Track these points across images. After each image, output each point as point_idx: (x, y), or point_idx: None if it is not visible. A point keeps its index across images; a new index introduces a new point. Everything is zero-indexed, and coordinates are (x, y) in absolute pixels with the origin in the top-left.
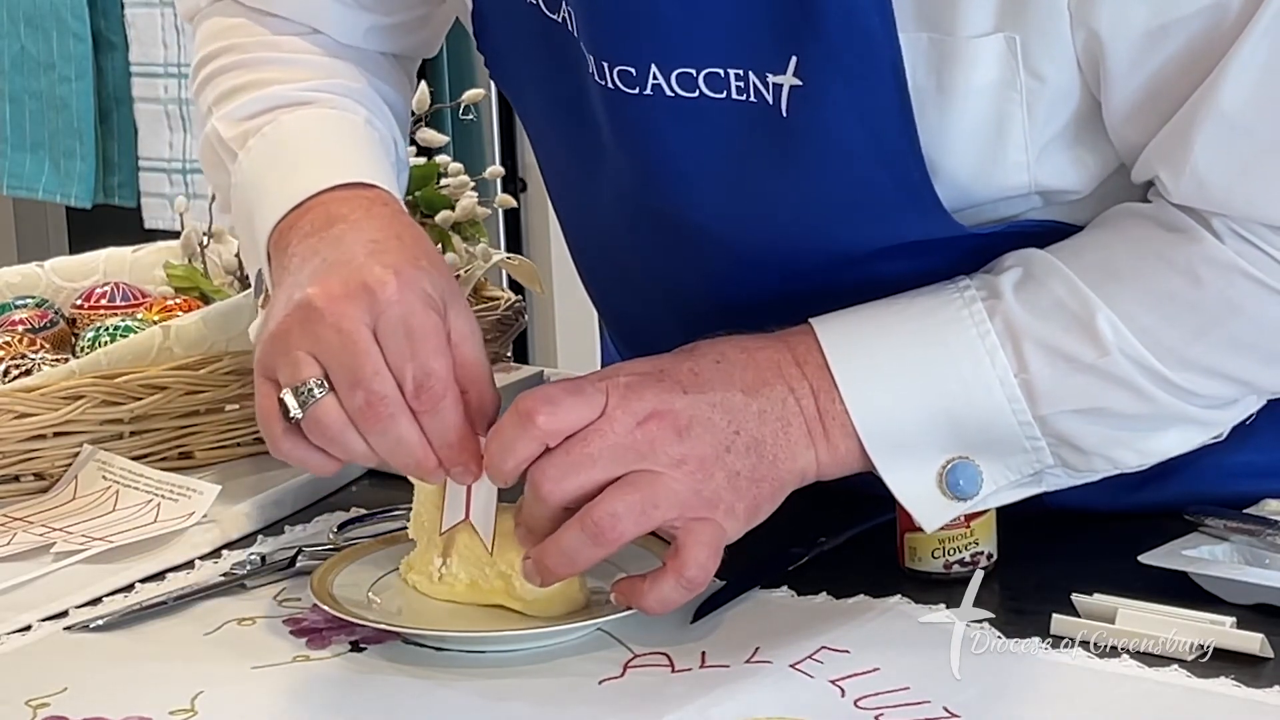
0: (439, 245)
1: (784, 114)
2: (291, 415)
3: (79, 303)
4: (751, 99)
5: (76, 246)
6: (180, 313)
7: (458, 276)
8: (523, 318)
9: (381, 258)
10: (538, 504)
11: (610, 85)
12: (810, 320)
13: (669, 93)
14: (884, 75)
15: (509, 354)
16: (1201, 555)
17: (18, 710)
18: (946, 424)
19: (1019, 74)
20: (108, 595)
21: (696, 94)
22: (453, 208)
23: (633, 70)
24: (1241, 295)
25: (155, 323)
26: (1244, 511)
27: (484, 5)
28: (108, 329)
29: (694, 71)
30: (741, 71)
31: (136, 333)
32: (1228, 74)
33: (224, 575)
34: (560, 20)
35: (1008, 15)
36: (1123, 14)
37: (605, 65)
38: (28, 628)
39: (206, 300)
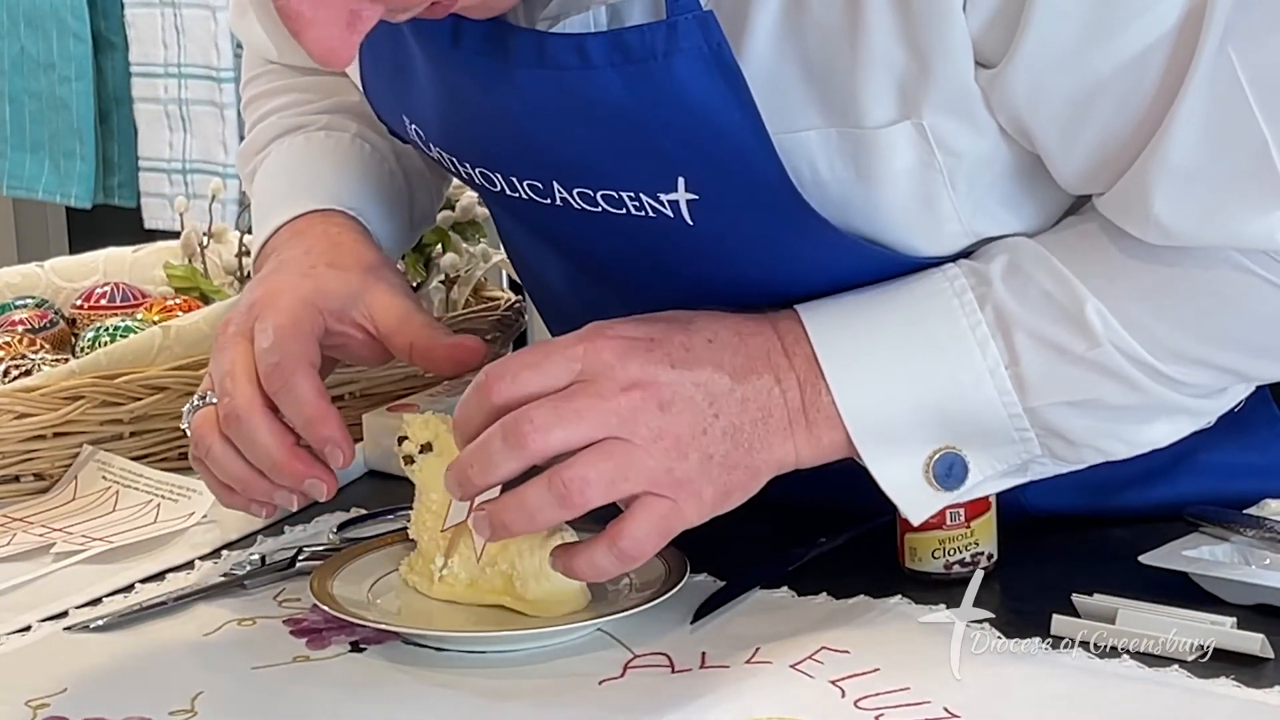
0: (438, 245)
1: (689, 222)
2: (183, 426)
3: (79, 303)
4: (650, 215)
5: (76, 246)
6: (180, 313)
7: (457, 276)
8: (523, 318)
9: (269, 280)
10: (508, 451)
11: (523, 196)
12: (798, 308)
13: (575, 206)
14: (771, 176)
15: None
16: (1201, 555)
17: (18, 710)
18: (935, 415)
19: (935, 154)
20: (108, 595)
21: (600, 209)
22: (452, 208)
23: (540, 184)
24: (1230, 287)
25: (155, 323)
26: (1244, 512)
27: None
28: (108, 329)
29: (591, 191)
30: (633, 193)
31: (136, 333)
32: (1171, 131)
33: (224, 575)
34: (437, 157)
35: (910, 103)
36: (1039, 90)
37: (515, 179)
38: (28, 628)
39: (206, 300)
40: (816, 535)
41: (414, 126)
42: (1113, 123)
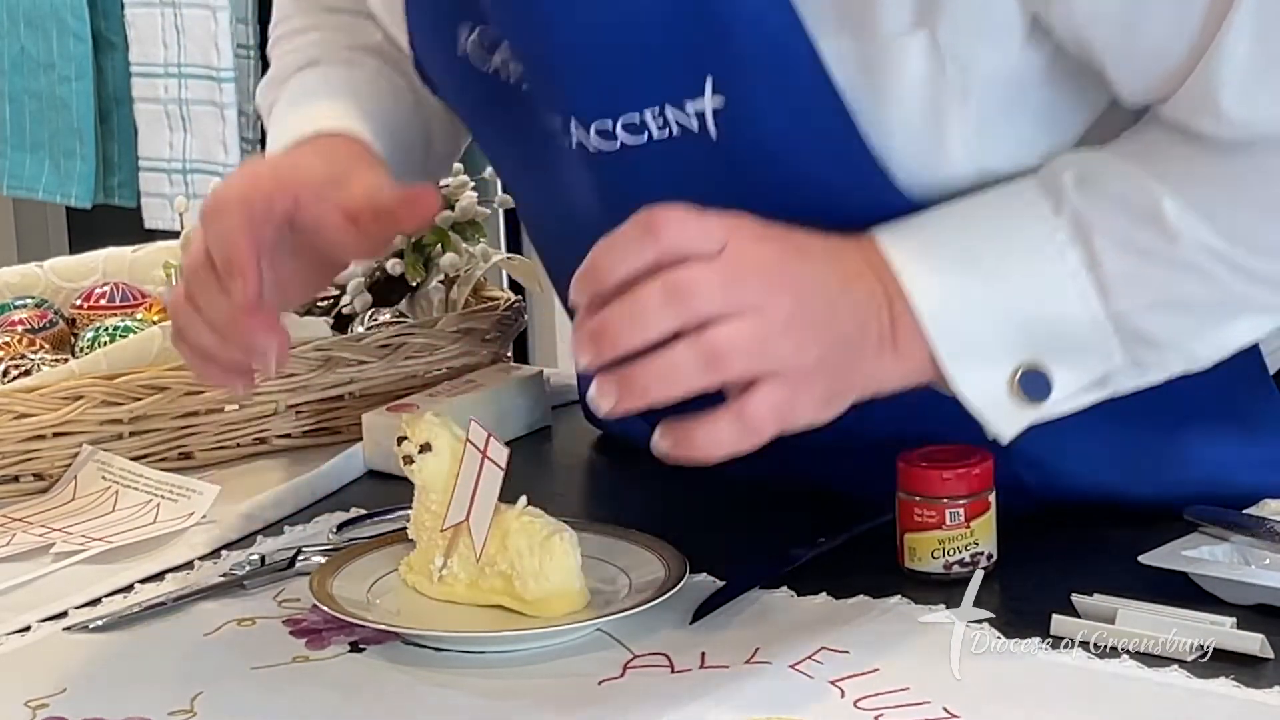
0: (438, 245)
1: (714, 138)
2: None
3: (79, 303)
4: (675, 134)
5: (76, 246)
6: None
7: (457, 276)
8: (523, 318)
9: (264, 163)
10: (667, 310)
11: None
12: (874, 230)
13: (590, 149)
14: (804, 74)
15: (509, 354)
16: (1201, 555)
17: (17, 710)
18: (1017, 326)
19: (947, 67)
20: (107, 596)
21: (617, 144)
22: (453, 207)
23: (559, 119)
24: None
25: (155, 323)
26: (1244, 512)
27: (422, 63)
28: (107, 329)
29: (610, 122)
30: (657, 109)
31: (136, 333)
32: (1233, 23)
33: (224, 575)
34: (493, 72)
35: (927, 11)
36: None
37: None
38: (27, 628)
39: None
40: (816, 535)
41: (474, 33)
42: (1173, 25)
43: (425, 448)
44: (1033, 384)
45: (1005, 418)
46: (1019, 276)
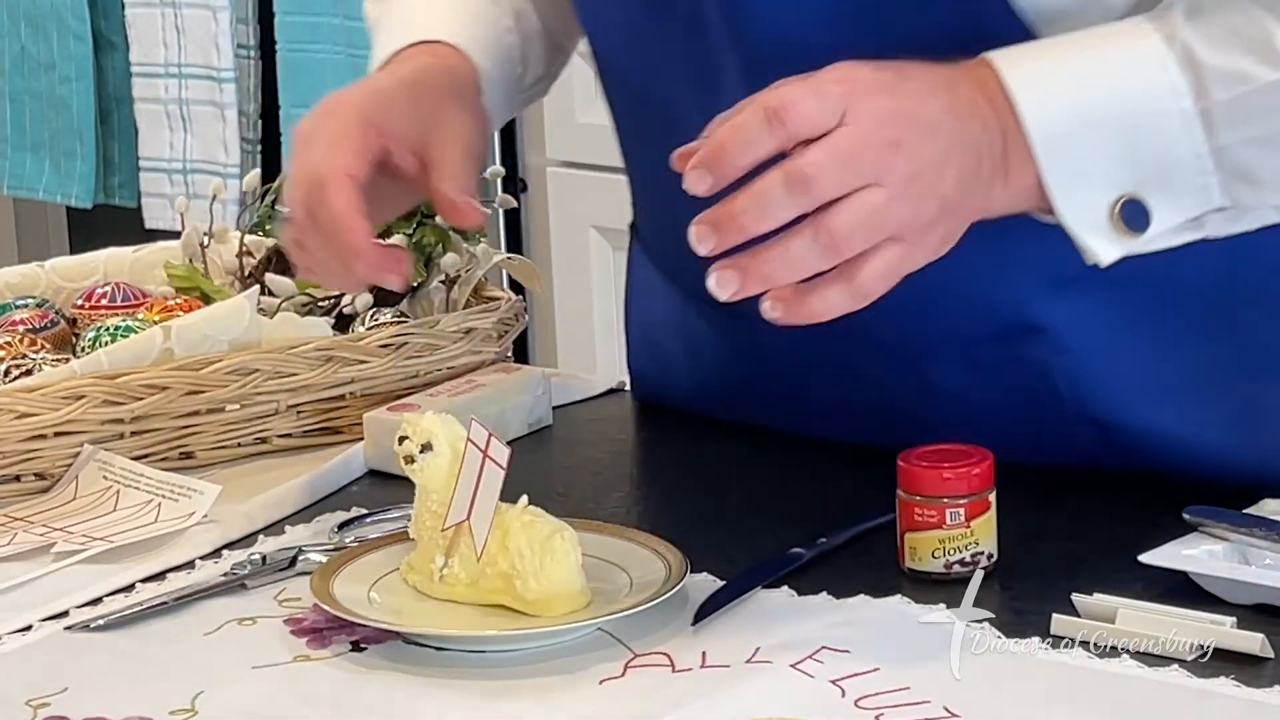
0: (439, 245)
1: None
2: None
3: (79, 303)
4: None
5: (77, 246)
6: (181, 313)
7: (457, 276)
8: (523, 318)
9: (343, 90)
10: (790, 198)
11: None
12: (988, 55)
13: None
14: None
15: (510, 354)
16: (1201, 555)
17: (18, 710)
18: (1123, 152)
19: None
20: (108, 595)
21: None
22: None
23: None
24: None
25: (156, 323)
26: (1244, 512)
27: None
28: (108, 329)
29: None
30: None
31: (137, 333)
32: None
33: (224, 575)
34: None
35: None
36: None
37: None
38: (28, 628)
39: (207, 300)
40: (816, 535)
41: None
42: None
43: (426, 447)
44: (1132, 215)
45: (1104, 245)
46: (1128, 105)
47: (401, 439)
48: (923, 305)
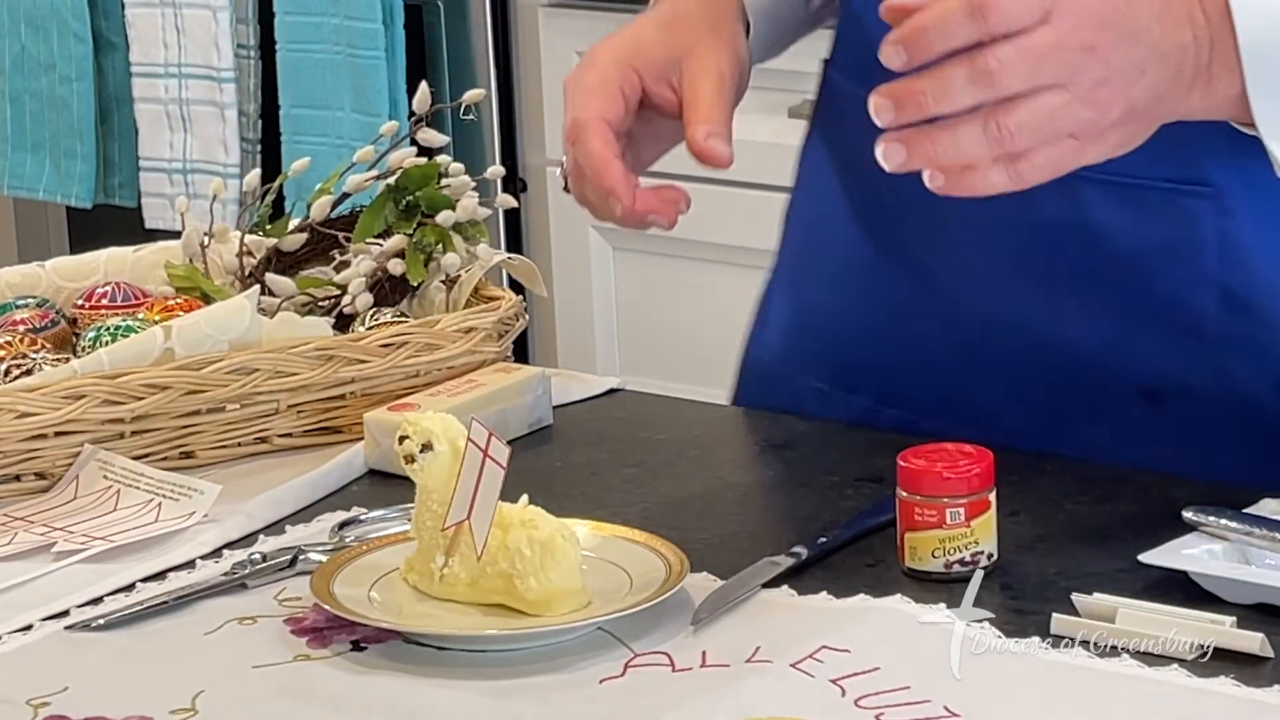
0: (439, 244)
1: None
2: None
3: (80, 302)
4: None
5: (77, 246)
6: (181, 313)
7: (458, 277)
8: (523, 318)
9: (607, 38)
10: (971, 88)
11: None
12: None
13: None
14: None
15: (510, 354)
16: (1201, 555)
17: (19, 709)
18: None
19: None
20: (108, 595)
21: None
22: (454, 208)
23: None
24: None
25: (156, 323)
26: (1244, 511)
27: None
28: (109, 329)
29: None
30: None
31: (137, 332)
32: None
33: (224, 575)
34: None
35: None
36: None
37: None
38: (29, 627)
39: (208, 300)
40: (816, 535)
41: None
42: None
43: (427, 447)
44: None
45: None
46: None
47: (402, 439)
48: None
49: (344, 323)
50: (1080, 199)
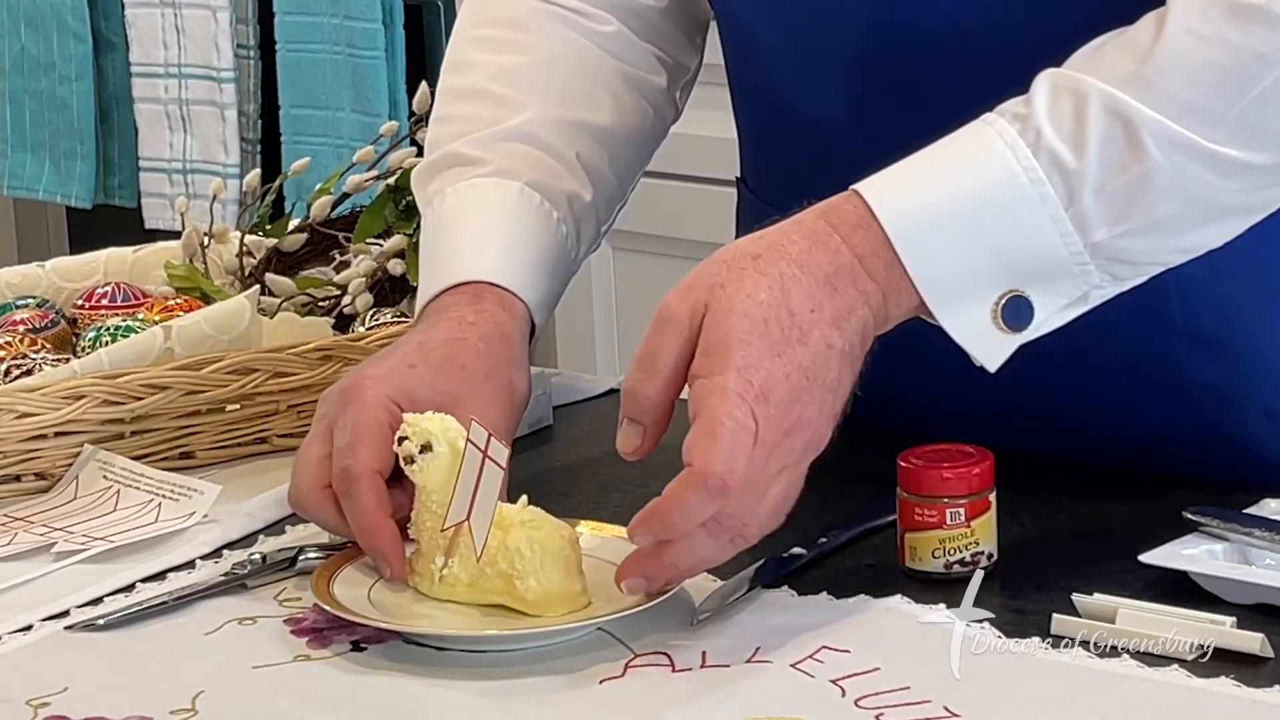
0: None
1: None
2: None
3: (80, 303)
4: None
5: (77, 247)
6: (181, 313)
7: None
8: None
9: (374, 362)
10: (721, 546)
11: None
12: (861, 192)
13: None
14: None
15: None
16: (1201, 555)
17: (19, 709)
18: (1001, 264)
19: None
20: (108, 595)
21: None
22: None
23: None
24: (1270, 48)
25: (156, 323)
26: (1244, 512)
27: None
28: (109, 329)
29: None
30: None
31: (137, 333)
32: None
33: (225, 575)
34: None
35: None
36: None
37: None
38: (29, 627)
39: (207, 300)
40: (816, 535)
41: None
42: None
43: (426, 448)
44: (1014, 312)
45: (992, 348)
46: (1002, 222)
47: (401, 439)
48: None
49: (344, 323)
50: None
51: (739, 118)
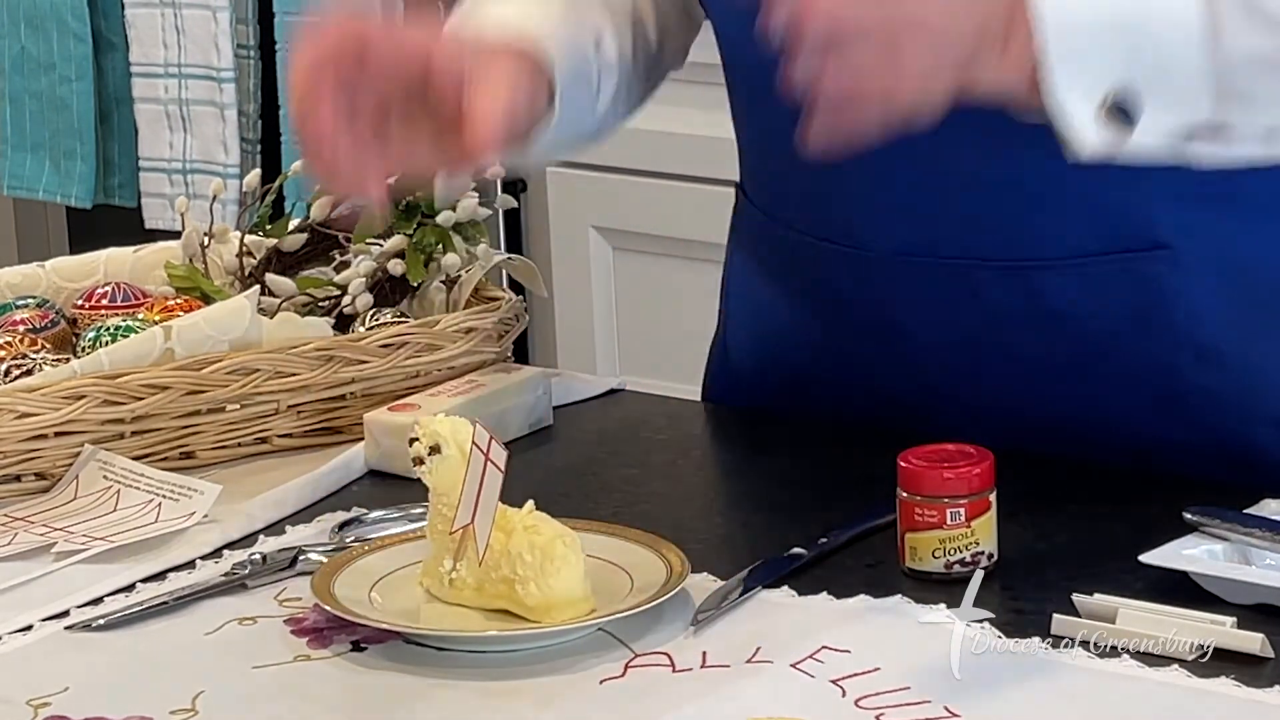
0: (439, 245)
1: None
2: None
3: (80, 303)
4: None
5: (77, 247)
6: (181, 313)
7: (458, 277)
8: (523, 318)
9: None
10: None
11: None
12: None
13: None
14: None
15: (510, 354)
16: (1201, 555)
17: (19, 709)
18: (1126, 41)
19: None
20: (109, 595)
21: None
22: (454, 208)
23: None
24: None
25: (156, 323)
26: (1244, 512)
27: None
28: (109, 329)
29: None
30: None
31: (137, 333)
32: None
33: (225, 575)
34: None
35: None
36: None
37: None
38: (29, 627)
39: (208, 300)
40: (816, 535)
41: None
42: None
43: (435, 450)
44: (1120, 115)
45: (1086, 138)
46: (1141, 7)
47: (412, 440)
48: (1043, 215)
49: (344, 323)
50: (1032, 287)
51: (737, 123)
